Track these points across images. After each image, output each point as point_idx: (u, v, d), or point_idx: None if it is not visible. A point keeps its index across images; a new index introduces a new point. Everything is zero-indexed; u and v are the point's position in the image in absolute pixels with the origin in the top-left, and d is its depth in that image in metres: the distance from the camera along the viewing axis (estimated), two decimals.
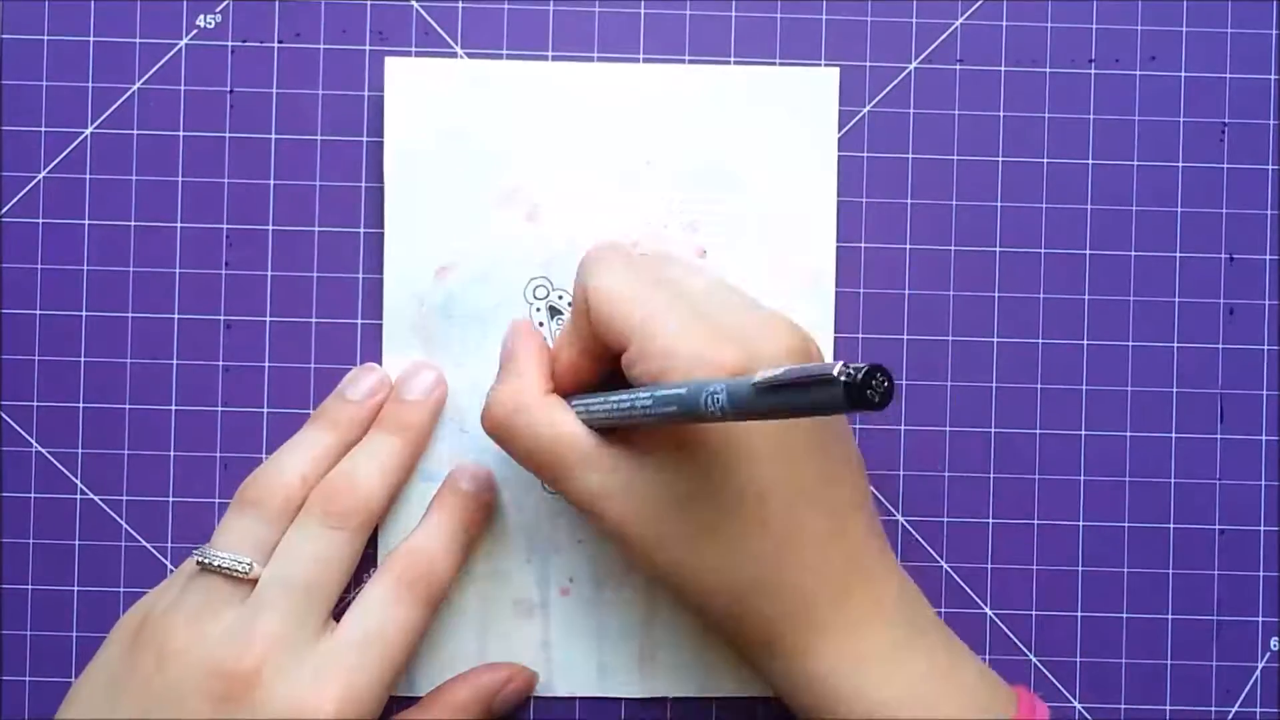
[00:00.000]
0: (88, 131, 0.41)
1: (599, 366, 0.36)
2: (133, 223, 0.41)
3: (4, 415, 0.40)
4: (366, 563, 0.39)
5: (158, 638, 0.35)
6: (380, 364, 0.40)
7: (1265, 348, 0.41)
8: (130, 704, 0.34)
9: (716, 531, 0.33)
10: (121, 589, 0.40)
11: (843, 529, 0.34)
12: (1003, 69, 0.41)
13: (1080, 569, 0.41)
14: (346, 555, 0.37)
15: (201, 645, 0.34)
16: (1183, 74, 0.41)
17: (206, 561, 0.36)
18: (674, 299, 0.34)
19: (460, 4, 0.41)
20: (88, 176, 0.41)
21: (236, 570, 0.35)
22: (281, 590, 0.35)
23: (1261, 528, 0.41)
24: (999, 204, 0.41)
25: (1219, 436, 0.41)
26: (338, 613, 0.37)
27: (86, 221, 0.41)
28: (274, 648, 0.34)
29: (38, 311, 0.40)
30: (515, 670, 0.39)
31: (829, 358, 0.40)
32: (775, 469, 0.33)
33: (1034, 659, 0.41)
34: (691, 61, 0.41)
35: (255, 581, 0.36)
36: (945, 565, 0.41)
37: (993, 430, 0.41)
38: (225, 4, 0.41)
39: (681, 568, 0.34)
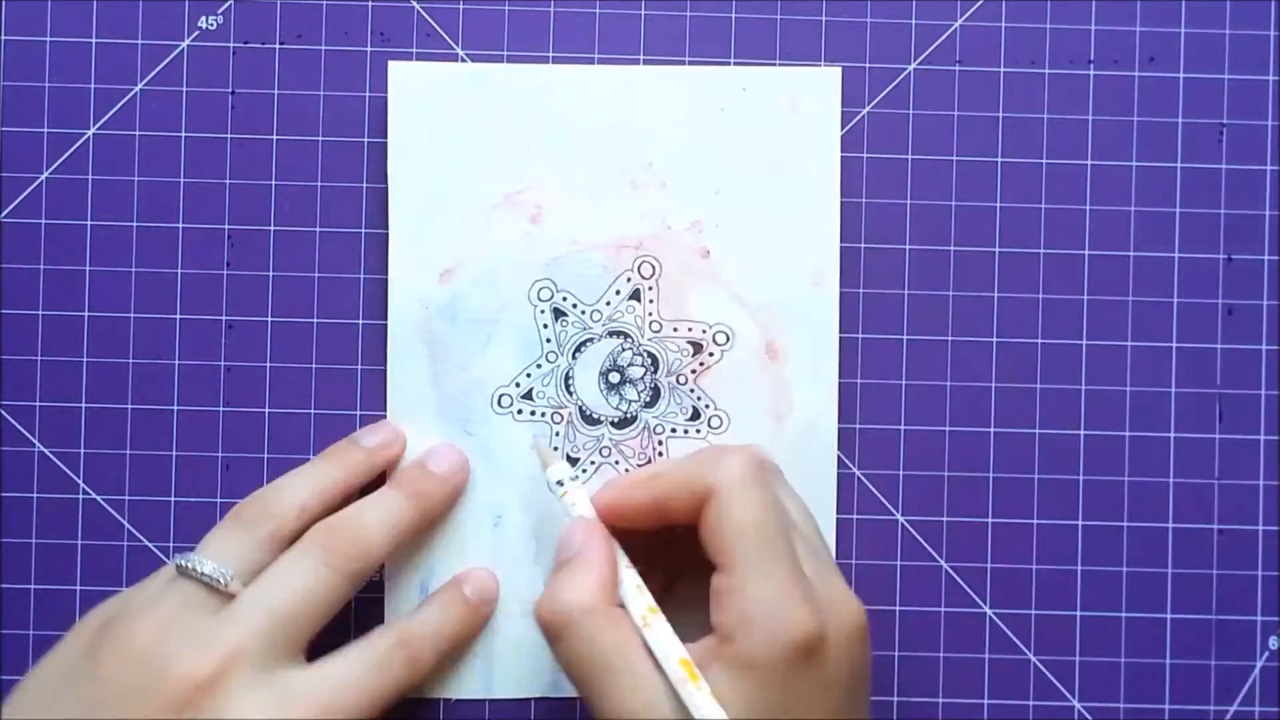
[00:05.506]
0: (90, 132, 0.41)
1: (648, 524, 0.36)
2: (135, 223, 0.41)
3: (6, 415, 0.41)
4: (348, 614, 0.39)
5: (121, 637, 0.34)
6: (384, 366, 0.40)
7: (1263, 347, 0.41)
8: (80, 701, 0.33)
9: None
10: (124, 588, 0.40)
11: None
12: (1002, 70, 0.41)
13: (1079, 568, 0.41)
14: (333, 597, 0.36)
15: (164, 648, 0.33)
16: (1181, 75, 0.41)
17: (189, 566, 0.35)
18: (791, 557, 0.33)
19: (461, 5, 0.41)
20: (90, 177, 0.41)
21: (217, 581, 0.35)
22: (259, 611, 0.34)
23: (1260, 527, 0.41)
24: (998, 204, 0.41)
25: (1217, 436, 0.41)
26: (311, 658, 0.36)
27: (89, 222, 0.41)
28: (238, 662, 0.33)
29: (40, 312, 0.41)
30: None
31: (831, 358, 0.40)
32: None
33: (1033, 658, 0.41)
34: (691, 62, 0.41)
35: (233, 596, 0.35)
36: (945, 565, 0.41)
37: (992, 430, 0.41)
38: (227, 5, 0.41)
39: None
